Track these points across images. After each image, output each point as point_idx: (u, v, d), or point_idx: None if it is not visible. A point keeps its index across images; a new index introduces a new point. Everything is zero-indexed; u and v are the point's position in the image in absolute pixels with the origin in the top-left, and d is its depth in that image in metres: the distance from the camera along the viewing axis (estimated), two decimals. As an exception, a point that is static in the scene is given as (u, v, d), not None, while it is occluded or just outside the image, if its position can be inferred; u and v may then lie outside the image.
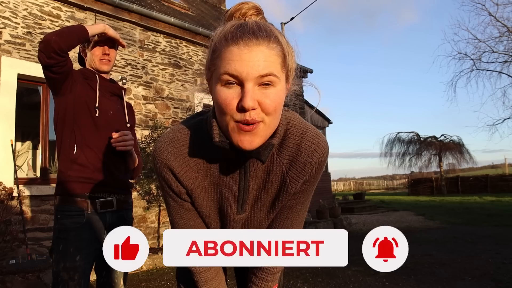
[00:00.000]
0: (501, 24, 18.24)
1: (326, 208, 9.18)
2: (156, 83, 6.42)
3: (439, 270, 4.51)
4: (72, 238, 1.63)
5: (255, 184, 0.94)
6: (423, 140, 24.80)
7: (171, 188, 0.93)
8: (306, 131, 0.91)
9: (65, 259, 1.61)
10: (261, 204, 0.98)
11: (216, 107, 0.80)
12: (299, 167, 0.90)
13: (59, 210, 1.69)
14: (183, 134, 0.91)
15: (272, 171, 0.92)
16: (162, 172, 0.91)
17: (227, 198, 0.94)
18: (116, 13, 5.83)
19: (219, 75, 0.76)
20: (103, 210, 1.72)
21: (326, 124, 13.55)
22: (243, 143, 0.77)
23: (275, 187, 0.94)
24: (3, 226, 4.05)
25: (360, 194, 17.15)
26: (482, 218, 9.83)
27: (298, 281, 4.24)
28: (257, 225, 1.03)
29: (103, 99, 1.81)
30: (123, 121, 1.88)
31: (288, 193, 0.95)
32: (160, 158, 0.90)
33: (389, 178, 46.23)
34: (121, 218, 1.81)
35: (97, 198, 1.71)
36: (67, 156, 1.70)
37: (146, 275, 4.70)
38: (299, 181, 0.92)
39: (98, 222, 1.71)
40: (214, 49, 0.79)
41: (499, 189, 21.32)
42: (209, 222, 1.00)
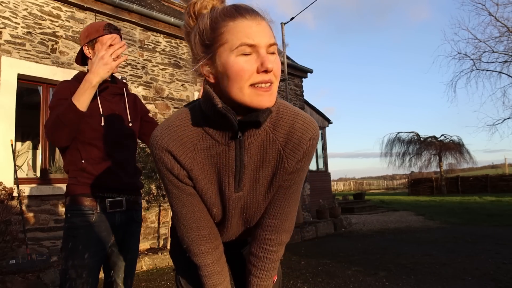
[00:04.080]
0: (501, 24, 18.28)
1: (326, 208, 9.18)
2: (156, 83, 6.42)
3: (439, 270, 4.51)
4: (81, 236, 1.64)
5: (251, 161, 0.97)
6: (423, 140, 24.80)
7: (172, 172, 0.95)
8: (298, 112, 0.99)
9: (74, 257, 1.62)
10: (260, 184, 1.01)
11: (230, 76, 0.85)
12: (294, 143, 0.96)
13: (69, 209, 1.70)
14: (178, 118, 0.96)
15: (268, 148, 0.96)
16: (161, 157, 0.94)
17: (225, 176, 0.96)
18: (116, 13, 5.83)
19: (234, 46, 0.84)
20: (112, 210, 1.72)
21: (326, 124, 13.54)
22: (264, 102, 0.86)
23: (272, 165, 0.98)
24: (3, 226, 4.05)
25: (360, 194, 17.16)
26: (482, 218, 9.83)
27: (298, 281, 4.24)
28: (255, 207, 1.05)
29: (106, 104, 1.79)
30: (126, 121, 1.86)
31: (285, 170, 0.99)
32: (158, 143, 0.94)
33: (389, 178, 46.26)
34: (130, 218, 1.82)
35: (106, 198, 1.71)
36: (75, 166, 1.71)
37: (146, 275, 4.70)
38: (295, 157, 0.97)
39: (107, 221, 1.72)
40: (213, 27, 0.87)
41: (499, 189, 21.31)
42: (211, 207, 1.02)
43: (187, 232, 1.02)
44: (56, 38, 5.17)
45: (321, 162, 12.89)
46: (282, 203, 1.04)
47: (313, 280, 4.28)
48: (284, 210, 1.05)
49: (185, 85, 6.84)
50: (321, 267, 4.87)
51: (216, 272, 1.04)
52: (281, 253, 1.09)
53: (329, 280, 4.24)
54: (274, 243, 1.06)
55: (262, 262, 1.06)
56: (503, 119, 20.43)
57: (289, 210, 1.06)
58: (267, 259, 1.06)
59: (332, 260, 5.25)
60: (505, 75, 19.30)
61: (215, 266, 1.04)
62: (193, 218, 1.01)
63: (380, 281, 4.09)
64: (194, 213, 1.00)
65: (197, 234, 1.02)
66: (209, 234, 1.03)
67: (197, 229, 1.02)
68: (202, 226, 1.02)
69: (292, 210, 1.06)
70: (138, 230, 1.88)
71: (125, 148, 1.82)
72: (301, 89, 10.12)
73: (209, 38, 0.88)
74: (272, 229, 1.05)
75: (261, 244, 1.06)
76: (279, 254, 1.08)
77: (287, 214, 1.06)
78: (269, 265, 1.07)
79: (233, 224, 1.08)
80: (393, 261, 5.07)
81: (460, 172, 29.95)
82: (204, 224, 1.02)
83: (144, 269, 5.00)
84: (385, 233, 7.92)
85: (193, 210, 1.00)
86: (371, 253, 5.74)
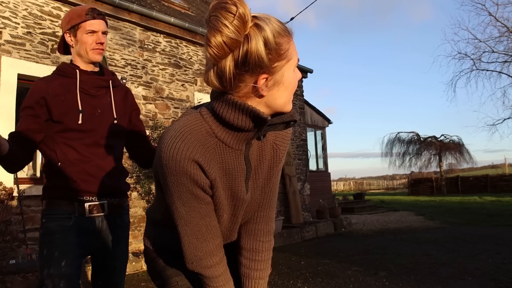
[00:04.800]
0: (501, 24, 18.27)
1: (326, 208, 9.18)
2: (156, 83, 6.42)
3: (439, 270, 4.51)
4: (57, 242, 1.50)
5: (253, 161, 1.02)
6: (423, 140, 24.79)
7: (198, 183, 0.92)
8: None
9: (50, 265, 1.47)
10: (259, 182, 1.06)
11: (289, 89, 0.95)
12: (282, 134, 1.07)
13: (45, 214, 1.57)
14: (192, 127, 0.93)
15: (263, 146, 1.04)
16: (186, 168, 0.89)
17: (237, 179, 0.99)
18: (116, 13, 5.83)
19: (295, 63, 0.94)
20: (92, 215, 1.58)
21: (326, 124, 13.54)
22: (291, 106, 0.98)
23: (268, 159, 1.05)
24: (3, 226, 4.05)
25: (360, 194, 17.15)
26: (482, 218, 9.83)
27: (298, 281, 4.24)
28: (254, 206, 1.10)
29: (86, 99, 1.60)
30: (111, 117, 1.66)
31: (279, 160, 1.07)
32: (183, 154, 0.89)
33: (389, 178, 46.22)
34: (114, 224, 1.65)
35: (85, 202, 1.57)
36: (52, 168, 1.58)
37: (146, 275, 4.70)
38: (284, 146, 1.07)
39: (87, 226, 1.57)
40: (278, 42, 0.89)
41: (499, 189, 21.31)
42: (222, 214, 1.02)
43: (201, 246, 0.99)
44: (56, 38, 5.17)
45: (321, 162, 12.89)
46: (271, 193, 1.11)
47: (313, 280, 4.28)
48: (272, 200, 1.12)
49: (185, 85, 6.84)
50: (321, 267, 4.87)
51: (227, 280, 1.03)
52: (273, 241, 1.17)
53: (329, 280, 4.24)
54: (267, 233, 1.13)
55: (260, 254, 1.12)
56: (503, 119, 20.43)
57: (275, 199, 1.14)
58: (264, 249, 1.12)
59: (332, 260, 5.25)
60: (505, 75, 19.30)
61: (226, 275, 1.03)
62: (209, 228, 0.99)
63: (380, 281, 4.09)
64: (210, 223, 0.99)
65: (212, 245, 1.00)
66: (220, 243, 1.03)
67: (212, 239, 1.00)
68: (216, 235, 1.01)
69: (275, 199, 1.15)
70: (125, 234, 1.73)
71: (108, 148, 1.64)
72: (301, 89, 10.12)
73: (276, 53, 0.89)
74: (265, 220, 1.12)
75: (256, 237, 1.12)
76: (272, 242, 1.16)
77: (274, 202, 1.14)
78: (267, 255, 1.13)
79: (237, 226, 1.10)
80: (393, 261, 5.07)
81: (460, 172, 29.94)
82: (217, 233, 1.01)
83: (144, 269, 5.00)
84: (385, 233, 7.92)
85: (210, 220, 0.99)
86: (371, 253, 5.74)
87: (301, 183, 9.39)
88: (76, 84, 1.60)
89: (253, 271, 1.11)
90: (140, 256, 5.11)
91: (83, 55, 1.63)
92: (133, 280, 4.50)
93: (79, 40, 1.62)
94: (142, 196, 5.92)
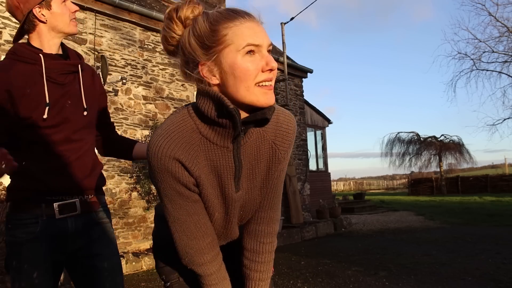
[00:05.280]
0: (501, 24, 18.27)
1: (326, 208, 9.18)
2: (156, 83, 6.42)
3: (439, 270, 4.51)
4: (26, 253, 1.34)
5: (246, 159, 0.99)
6: (423, 140, 24.80)
7: (180, 181, 0.93)
8: (278, 107, 1.05)
9: (20, 278, 1.33)
10: (256, 180, 1.03)
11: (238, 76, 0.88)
12: (283, 134, 1.03)
13: (9, 218, 1.40)
14: (176, 125, 0.94)
15: (260, 145, 1.01)
16: (168, 166, 0.92)
17: (226, 177, 0.98)
18: (116, 13, 5.83)
19: (240, 47, 0.88)
20: (63, 215, 1.39)
21: (326, 124, 13.54)
22: (270, 100, 0.90)
23: (266, 159, 1.02)
24: (3, 226, 4.05)
25: (360, 194, 17.15)
26: (482, 218, 9.83)
27: (298, 281, 4.24)
28: (253, 204, 1.07)
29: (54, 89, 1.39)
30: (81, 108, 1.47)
31: (279, 161, 1.03)
32: (163, 152, 0.91)
33: (389, 178, 46.22)
34: (88, 222, 1.46)
35: (55, 201, 1.38)
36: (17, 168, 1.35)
37: (146, 275, 4.70)
38: (285, 147, 1.04)
39: (58, 229, 1.39)
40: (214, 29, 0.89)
41: (499, 189, 21.31)
42: (213, 212, 1.01)
43: (191, 243, 1.00)
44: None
45: (321, 162, 12.89)
46: (273, 193, 1.08)
47: (313, 280, 4.28)
48: (275, 200, 1.09)
49: (185, 85, 6.84)
50: (321, 267, 4.87)
51: (220, 279, 1.04)
52: (276, 243, 1.13)
53: (329, 280, 4.24)
54: (269, 234, 1.10)
55: (261, 255, 1.09)
56: (503, 119, 20.42)
57: (279, 199, 1.10)
58: (265, 250, 1.09)
59: (332, 260, 5.25)
60: (505, 75, 19.29)
61: (219, 274, 1.04)
62: (198, 226, 0.99)
63: (380, 281, 4.09)
64: (199, 221, 0.99)
65: (202, 243, 1.01)
66: (212, 241, 1.03)
67: (202, 237, 1.00)
68: (206, 233, 1.01)
69: (279, 200, 1.11)
70: (109, 231, 1.53)
71: (79, 142, 1.46)
72: (301, 89, 10.12)
73: (211, 40, 0.89)
74: (267, 221, 1.09)
75: (257, 238, 1.09)
76: (275, 244, 1.12)
77: (277, 203, 1.10)
78: (268, 257, 1.10)
79: (233, 225, 1.08)
80: (393, 261, 5.07)
81: (460, 172, 29.95)
82: (208, 231, 1.01)
83: (144, 269, 5.01)
84: (385, 233, 7.92)
85: (198, 218, 0.99)
86: (371, 253, 5.74)
87: (301, 183, 9.39)
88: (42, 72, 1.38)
89: (253, 272, 1.09)
90: (140, 256, 5.11)
91: (63, 28, 1.43)
92: (133, 280, 4.50)
93: (56, 13, 1.40)
94: (142, 196, 5.92)
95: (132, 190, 5.86)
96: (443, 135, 24.68)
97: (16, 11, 1.39)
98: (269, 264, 1.10)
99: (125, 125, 5.91)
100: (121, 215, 5.70)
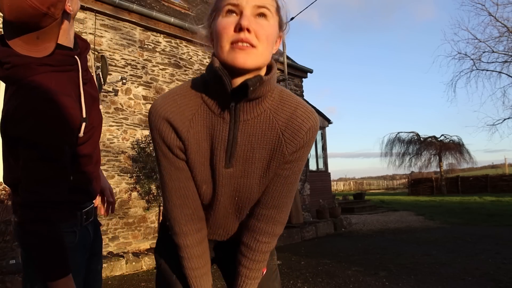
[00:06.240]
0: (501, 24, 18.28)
1: (326, 208, 9.18)
2: (156, 83, 6.42)
3: (439, 270, 4.51)
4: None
5: (245, 138, 0.96)
6: (423, 140, 24.80)
7: (165, 141, 0.95)
8: (301, 101, 1.00)
9: None
10: (255, 166, 0.98)
11: (215, 37, 0.91)
12: (294, 129, 0.96)
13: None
14: (180, 88, 0.99)
15: (266, 130, 0.96)
16: (158, 124, 0.95)
17: (217, 149, 0.96)
18: (116, 13, 5.83)
19: (221, 7, 0.90)
20: (87, 223, 1.28)
21: (326, 124, 13.54)
22: (239, 60, 0.87)
23: (269, 147, 0.97)
24: (3, 226, 4.05)
25: (360, 194, 17.15)
26: (482, 218, 9.83)
27: (298, 281, 4.24)
28: (248, 192, 1.02)
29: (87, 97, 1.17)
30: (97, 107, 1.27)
31: (283, 155, 0.97)
32: (157, 111, 0.95)
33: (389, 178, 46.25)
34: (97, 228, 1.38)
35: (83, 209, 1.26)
36: None
37: (146, 275, 4.70)
38: (293, 144, 0.97)
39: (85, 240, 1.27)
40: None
41: (499, 189, 21.31)
42: (201, 184, 1.00)
43: (171, 209, 1.01)
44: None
45: (321, 162, 12.89)
46: (279, 193, 1.02)
47: (313, 280, 4.28)
48: (281, 201, 1.03)
49: (185, 85, 6.85)
50: (321, 267, 4.87)
51: (196, 255, 1.03)
52: (273, 245, 1.08)
53: (329, 280, 4.24)
54: (268, 234, 1.05)
55: (253, 253, 1.05)
56: (503, 119, 20.46)
57: (286, 201, 1.04)
58: (258, 249, 1.05)
59: (332, 260, 5.25)
60: (505, 75, 19.32)
61: (196, 249, 1.03)
62: (178, 194, 1.00)
63: (380, 281, 4.09)
64: (180, 189, 0.99)
65: (180, 212, 1.01)
66: (192, 214, 1.02)
67: (181, 206, 1.01)
68: (186, 204, 1.01)
69: (288, 202, 1.05)
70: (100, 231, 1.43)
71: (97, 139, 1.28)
72: (301, 89, 10.12)
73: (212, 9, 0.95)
74: (268, 220, 1.04)
75: (254, 234, 1.05)
76: (271, 245, 1.07)
77: (284, 205, 1.04)
78: (260, 256, 1.05)
79: (223, 207, 1.05)
80: (393, 261, 5.07)
81: (460, 172, 29.96)
82: (188, 203, 1.01)
83: (144, 269, 5.01)
84: (385, 233, 7.92)
85: (179, 186, 0.99)
86: (371, 253, 5.74)
87: (301, 183, 9.39)
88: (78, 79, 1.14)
89: (242, 267, 1.06)
90: (140, 256, 5.11)
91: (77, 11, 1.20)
92: (133, 280, 4.50)
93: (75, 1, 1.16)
94: (142, 196, 5.92)
95: (132, 190, 5.86)
96: (443, 135, 24.71)
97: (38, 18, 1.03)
98: (260, 263, 1.06)
99: (125, 125, 5.91)
100: (121, 215, 5.70)
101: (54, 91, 1.05)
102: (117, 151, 5.76)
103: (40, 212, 1.02)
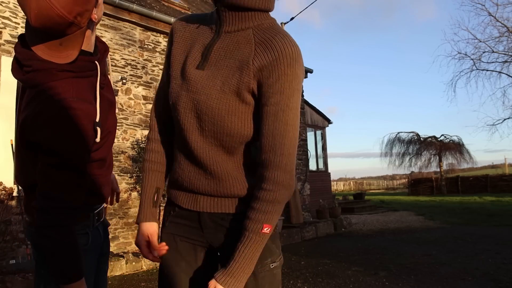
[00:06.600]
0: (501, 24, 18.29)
1: (326, 208, 9.18)
2: (156, 83, 6.42)
3: (439, 270, 4.51)
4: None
5: (222, 46, 1.04)
6: (423, 140, 24.80)
7: (170, 35, 1.16)
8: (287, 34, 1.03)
9: None
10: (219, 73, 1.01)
11: None
12: (267, 46, 0.99)
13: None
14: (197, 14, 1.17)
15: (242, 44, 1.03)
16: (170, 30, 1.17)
17: (194, 48, 1.07)
18: (116, 13, 5.83)
19: None
20: (97, 223, 1.28)
21: (326, 124, 13.54)
22: None
23: (238, 59, 1.01)
24: (3, 226, 4.05)
25: (360, 194, 17.16)
26: (482, 218, 9.83)
27: (298, 281, 4.24)
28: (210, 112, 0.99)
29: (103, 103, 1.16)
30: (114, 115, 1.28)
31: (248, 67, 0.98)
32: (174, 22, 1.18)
33: (389, 178, 46.23)
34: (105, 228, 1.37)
35: (94, 210, 1.25)
36: None
37: (146, 275, 4.70)
38: (261, 57, 0.98)
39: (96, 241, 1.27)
40: None
41: (499, 189, 21.32)
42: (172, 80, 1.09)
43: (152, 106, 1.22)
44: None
45: (321, 162, 12.89)
46: (271, 133, 0.98)
47: (313, 280, 4.28)
48: (275, 142, 0.98)
49: (185, 85, 6.85)
50: (321, 267, 4.87)
51: (155, 150, 1.17)
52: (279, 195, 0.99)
53: (329, 280, 4.25)
54: (269, 181, 0.99)
55: (256, 202, 0.99)
56: (503, 119, 20.46)
57: (282, 142, 0.99)
58: (262, 197, 0.99)
59: (332, 260, 5.26)
60: (505, 75, 19.32)
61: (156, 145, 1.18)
62: (158, 92, 1.20)
63: (380, 281, 4.09)
64: (160, 89, 1.18)
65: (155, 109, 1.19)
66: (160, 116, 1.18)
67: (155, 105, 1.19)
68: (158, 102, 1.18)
69: (285, 143, 0.99)
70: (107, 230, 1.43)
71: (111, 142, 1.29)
72: (301, 89, 10.13)
73: None
74: (267, 165, 0.99)
75: (258, 182, 1.01)
76: (276, 194, 0.98)
77: (279, 148, 0.98)
78: (264, 206, 0.98)
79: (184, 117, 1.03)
80: (393, 261, 5.08)
81: (460, 172, 29.95)
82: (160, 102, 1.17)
83: (144, 269, 5.01)
84: (385, 233, 7.92)
85: (161, 86, 1.18)
86: (371, 253, 5.74)
87: (301, 183, 9.39)
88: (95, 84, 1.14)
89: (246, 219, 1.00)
90: (140, 256, 5.11)
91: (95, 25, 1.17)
92: (133, 280, 4.50)
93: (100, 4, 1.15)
94: (142, 196, 5.91)
95: (132, 190, 5.86)
96: (443, 135, 24.72)
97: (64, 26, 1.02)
98: (262, 214, 0.98)
99: (125, 125, 5.91)
100: (121, 215, 5.70)
101: (74, 98, 1.04)
102: (117, 151, 5.76)
103: (56, 217, 1.03)
